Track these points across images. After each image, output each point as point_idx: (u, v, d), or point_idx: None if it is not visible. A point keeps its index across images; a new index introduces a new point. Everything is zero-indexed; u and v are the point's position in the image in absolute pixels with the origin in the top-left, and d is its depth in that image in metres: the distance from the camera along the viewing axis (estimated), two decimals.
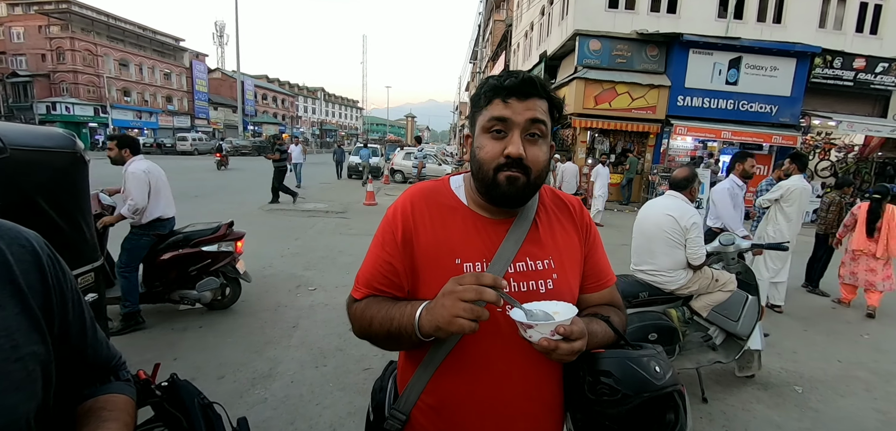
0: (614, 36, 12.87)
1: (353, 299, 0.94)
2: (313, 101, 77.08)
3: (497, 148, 0.83)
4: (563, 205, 1.00)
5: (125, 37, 41.79)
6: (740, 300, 2.84)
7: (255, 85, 55.68)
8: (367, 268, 0.93)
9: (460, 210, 0.92)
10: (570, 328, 0.74)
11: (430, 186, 0.97)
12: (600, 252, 1.01)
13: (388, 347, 0.90)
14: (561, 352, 0.73)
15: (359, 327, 0.91)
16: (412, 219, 0.90)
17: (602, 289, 0.99)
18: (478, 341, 0.84)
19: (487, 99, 0.85)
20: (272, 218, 8.67)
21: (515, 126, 0.82)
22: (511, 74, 0.85)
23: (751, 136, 12.59)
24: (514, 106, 0.82)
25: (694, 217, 2.63)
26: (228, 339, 3.46)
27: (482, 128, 0.85)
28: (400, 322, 0.82)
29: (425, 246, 0.88)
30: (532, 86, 0.83)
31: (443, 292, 0.75)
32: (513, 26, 24.63)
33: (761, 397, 3.01)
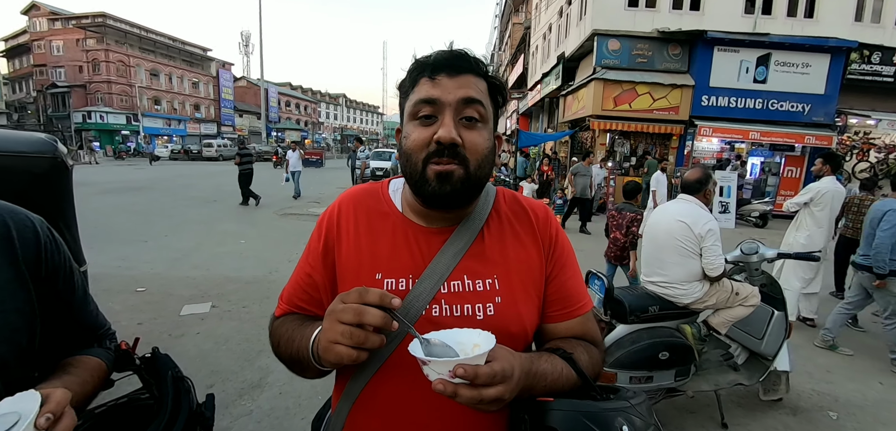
0: (634, 35, 12.47)
1: (274, 317, 0.83)
2: (335, 107, 78.40)
3: (425, 134, 0.69)
4: (523, 212, 0.83)
5: (156, 48, 43.41)
6: (765, 315, 2.57)
7: (279, 92, 57.01)
8: (292, 282, 0.82)
9: (391, 216, 0.79)
10: (474, 369, 0.54)
11: (364, 190, 0.85)
12: (570, 271, 0.82)
13: (301, 374, 0.76)
14: (464, 399, 0.55)
15: (272, 345, 0.80)
16: (336, 226, 0.79)
17: (570, 318, 0.80)
18: (390, 376, 0.71)
19: (413, 79, 0.72)
20: (283, 222, 8.69)
21: (446, 106, 0.68)
22: (439, 51, 0.72)
23: (781, 137, 11.97)
24: (443, 83, 0.69)
25: (709, 223, 2.38)
26: (223, 346, 3.39)
27: (409, 114, 0.72)
28: (299, 344, 0.71)
29: (346, 257, 0.77)
30: (464, 59, 0.70)
31: (327, 311, 0.62)
32: (531, 29, 24.34)
33: (790, 423, 2.72)
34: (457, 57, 0.70)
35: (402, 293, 0.71)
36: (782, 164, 12.51)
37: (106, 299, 4.12)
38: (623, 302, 2.39)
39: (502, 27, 33.24)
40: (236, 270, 5.23)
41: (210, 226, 7.81)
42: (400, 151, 0.75)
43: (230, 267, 5.36)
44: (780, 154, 12.57)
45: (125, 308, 4.07)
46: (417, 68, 0.71)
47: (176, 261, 5.58)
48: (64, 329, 0.86)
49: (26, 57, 40.99)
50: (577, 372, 0.69)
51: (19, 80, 42.05)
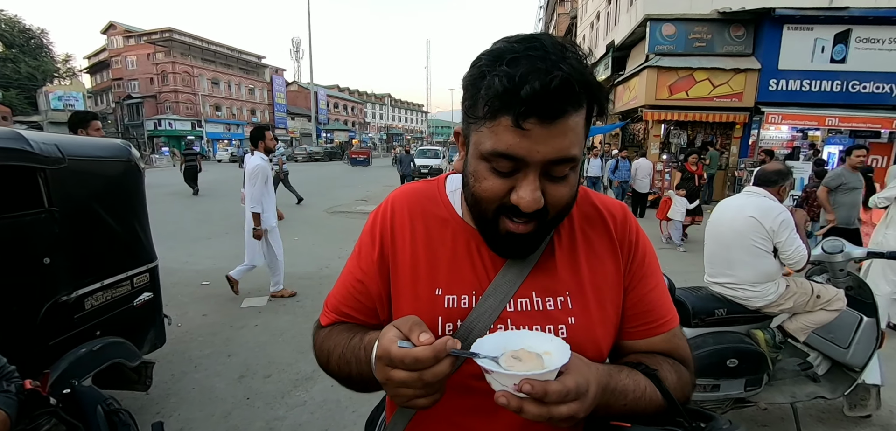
0: (691, 17, 11.69)
1: (318, 325, 0.76)
2: (380, 107, 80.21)
3: (499, 187, 0.56)
4: (598, 215, 0.72)
5: (216, 58, 46.43)
6: (852, 321, 2.29)
7: (328, 95, 59.19)
8: (340, 288, 0.75)
9: (451, 223, 0.70)
10: (543, 386, 0.48)
11: (419, 189, 0.75)
12: (653, 281, 0.71)
13: (358, 390, 0.69)
14: (531, 416, 0.49)
15: (319, 360, 0.74)
16: (391, 231, 0.70)
17: (652, 335, 0.70)
18: (457, 406, 0.66)
19: (492, 109, 0.53)
20: (334, 219, 9.00)
21: (531, 166, 0.54)
22: (531, 69, 0.50)
23: (864, 123, 10.77)
24: (533, 134, 0.51)
25: (782, 213, 2.15)
26: (279, 339, 3.54)
27: (479, 153, 0.57)
28: (358, 369, 0.64)
29: (402, 268, 0.68)
30: (566, 96, 0.51)
31: (376, 356, 0.56)
32: (577, 18, 23.55)
33: None
34: (557, 96, 0.50)
35: (464, 311, 0.65)
36: None
37: (176, 292, 4.45)
38: (686, 303, 2.23)
39: (547, 18, 32.43)
40: (290, 266, 5.44)
41: None
42: (463, 170, 0.64)
43: (285, 263, 5.60)
44: (863, 141, 11.32)
45: (192, 300, 4.37)
46: (500, 99, 0.52)
47: (237, 258, 5.89)
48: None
49: (106, 72, 45.30)
50: (663, 393, 0.60)
51: (101, 93, 46.52)
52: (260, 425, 2.47)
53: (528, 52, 0.51)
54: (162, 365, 2.95)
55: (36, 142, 1.87)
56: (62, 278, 1.97)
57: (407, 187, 0.77)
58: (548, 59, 0.50)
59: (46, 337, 1.92)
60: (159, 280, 2.61)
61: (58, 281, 1.95)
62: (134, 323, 2.41)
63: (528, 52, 0.51)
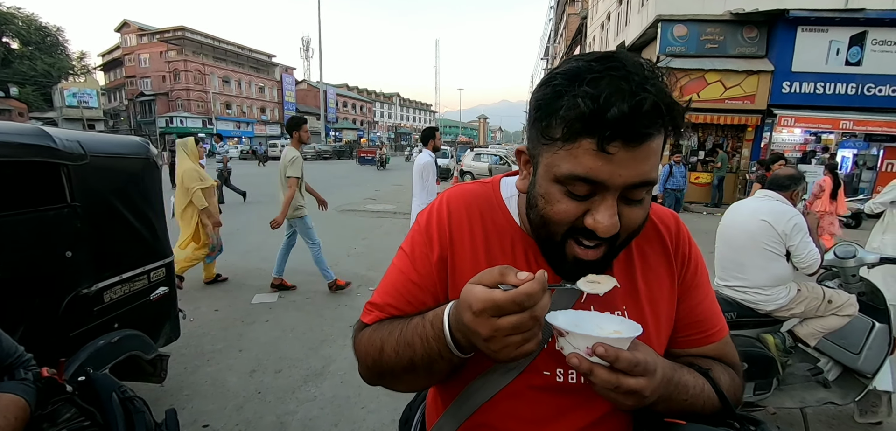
0: (703, 19, 11.59)
1: (361, 325, 0.71)
2: (389, 106, 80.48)
3: (573, 211, 0.54)
4: (653, 227, 0.71)
5: (227, 56, 46.94)
6: (864, 327, 2.28)
7: (337, 93, 59.55)
8: (388, 284, 0.70)
9: (510, 232, 0.68)
10: (615, 351, 0.50)
11: (476, 192, 0.72)
12: (704, 291, 0.72)
13: (410, 383, 0.65)
14: (599, 382, 0.51)
15: (365, 358, 0.68)
16: (449, 235, 0.68)
17: (705, 344, 0.70)
18: (514, 412, 0.65)
19: (569, 132, 0.51)
20: (344, 217, 9.06)
21: (611, 189, 0.52)
22: (616, 89, 0.48)
23: (880, 125, 10.59)
24: (617, 158, 0.50)
25: (795, 217, 2.14)
26: (290, 334, 3.59)
27: (553, 176, 0.55)
28: (425, 345, 0.58)
29: (463, 273, 0.65)
30: (653, 118, 0.49)
31: (462, 321, 0.52)
32: (588, 18, 23.44)
33: None
34: (645, 119, 0.49)
35: None
36: (880, 157, 11.08)
37: (188, 287, 4.52)
38: None
39: (557, 18, 32.31)
40: (301, 263, 5.51)
41: None
42: (528, 190, 0.62)
43: (295, 260, 5.64)
44: (878, 145, 11.13)
45: (204, 295, 4.44)
46: (582, 121, 0.49)
47: (247, 254, 6.01)
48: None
49: (119, 69, 46.04)
50: (718, 394, 0.61)
51: (114, 91, 47.29)
52: (271, 419, 2.51)
53: (609, 71, 0.49)
54: (175, 359, 3.00)
55: (59, 139, 1.92)
56: (83, 271, 2.03)
57: (461, 188, 0.74)
58: (631, 80, 0.49)
59: (67, 328, 1.98)
60: (174, 275, 2.67)
61: (79, 275, 2.01)
62: (150, 317, 2.47)
63: (610, 71, 0.49)
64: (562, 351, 0.54)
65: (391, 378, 0.65)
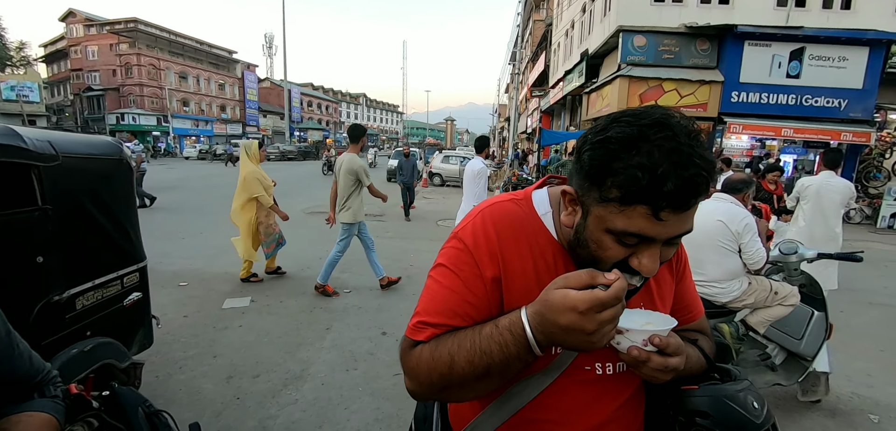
0: (661, 30, 12.25)
1: (412, 343, 0.71)
2: (355, 107, 79.40)
3: (622, 254, 0.62)
4: None
5: (184, 51, 44.85)
6: (805, 315, 2.55)
7: (301, 92, 58.14)
8: (439, 302, 0.71)
9: (552, 248, 0.73)
10: (666, 340, 0.64)
11: (513, 211, 0.75)
12: (689, 281, 0.89)
13: (472, 391, 0.68)
14: (652, 366, 0.64)
15: (429, 374, 0.67)
16: (501, 255, 0.71)
17: (691, 320, 0.88)
18: (558, 404, 0.74)
19: (625, 197, 0.57)
20: (313, 220, 8.91)
21: (657, 242, 0.60)
22: (674, 165, 0.54)
23: (816, 134, 11.56)
24: (668, 222, 0.57)
25: (746, 218, 2.38)
26: (265, 339, 3.54)
27: (606, 227, 0.61)
28: (503, 351, 0.62)
29: (515, 284, 0.71)
30: (703, 187, 0.56)
31: (554, 306, 0.57)
32: (553, 25, 24.11)
33: (828, 426, 2.69)
34: (695, 191, 0.55)
35: None
36: (816, 162, 12.10)
37: (152, 294, 4.34)
38: None
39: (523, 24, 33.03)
40: None
41: None
42: (576, 230, 0.67)
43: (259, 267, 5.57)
44: (815, 151, 12.15)
45: (171, 301, 4.29)
46: (640, 192, 0.55)
47: (214, 257, 5.83)
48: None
49: (64, 62, 42.98)
50: (705, 358, 0.78)
51: (58, 84, 44.11)
52: (252, 424, 2.50)
53: (662, 141, 0.55)
54: (145, 367, 2.91)
55: (30, 139, 1.85)
56: (55, 277, 1.96)
57: (499, 207, 0.76)
58: (682, 152, 0.55)
59: (39, 337, 1.90)
60: (148, 280, 2.60)
61: (51, 281, 1.94)
62: (124, 324, 2.40)
63: (664, 141, 0.55)
64: (618, 346, 0.66)
65: (460, 388, 0.66)
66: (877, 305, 4.99)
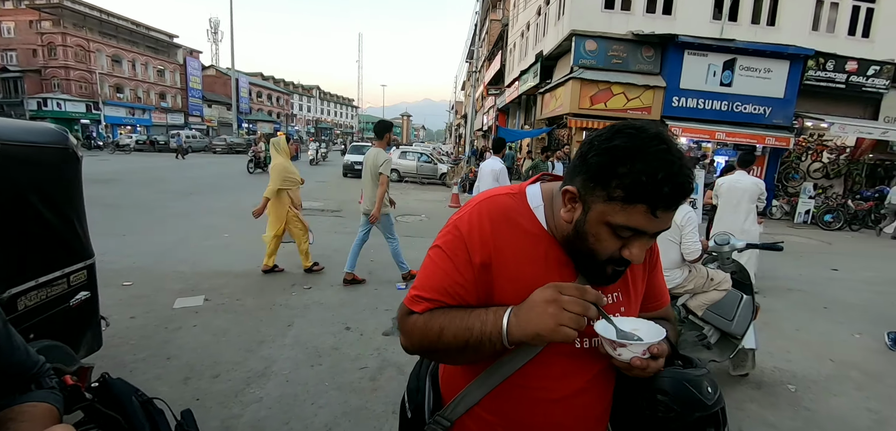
0: (610, 36, 12.91)
1: (408, 311, 0.84)
2: (308, 99, 76.83)
3: (615, 246, 0.74)
4: None
5: (118, 33, 41.42)
6: (735, 299, 2.86)
7: (250, 82, 55.43)
8: (433, 281, 0.82)
9: (541, 238, 0.82)
10: (661, 347, 0.75)
11: (507, 204, 0.85)
12: (659, 271, 1.00)
13: (455, 360, 0.83)
14: (651, 370, 0.75)
15: (422, 340, 0.81)
16: (493, 243, 0.80)
17: (659, 308, 0.98)
18: (541, 373, 0.82)
19: (629, 197, 0.68)
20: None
21: (647, 236, 0.73)
22: (669, 173, 0.66)
23: (745, 137, 12.67)
24: (660, 217, 0.69)
25: (689, 213, 2.64)
26: (223, 338, 3.43)
27: (606, 222, 0.72)
28: (481, 330, 0.75)
29: (508, 278, 0.80)
30: (688, 192, 0.70)
31: (542, 299, 0.71)
32: (509, 26, 24.64)
33: (755, 396, 3.03)
34: (684, 194, 0.68)
35: None
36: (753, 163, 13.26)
37: None
38: None
39: (480, 23, 33.48)
40: (226, 264, 5.22)
41: (193, 220, 7.68)
42: (576, 224, 0.76)
43: (219, 261, 5.35)
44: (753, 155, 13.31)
45: (114, 302, 4.01)
46: (641, 192, 0.67)
47: (161, 255, 5.51)
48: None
49: None
50: (671, 345, 0.87)
51: None
52: (215, 424, 2.43)
53: (659, 153, 0.67)
54: (93, 371, 2.74)
55: None
56: None
57: (495, 200, 0.85)
58: (675, 163, 0.66)
59: None
60: (97, 278, 2.46)
61: None
62: (70, 325, 2.26)
63: (660, 153, 0.67)
64: (619, 357, 0.74)
65: (444, 354, 0.82)
66: (794, 290, 5.61)
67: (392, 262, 5.01)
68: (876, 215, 12.08)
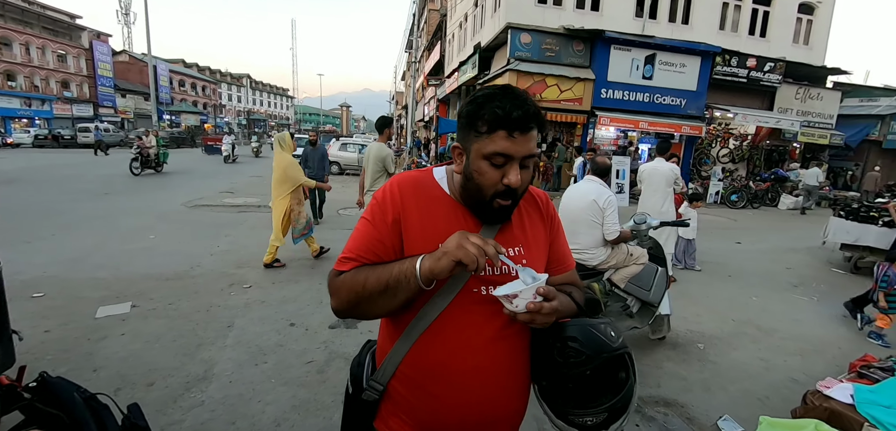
0: (544, 30, 13.47)
1: (337, 273, 0.96)
2: (238, 89, 72.10)
3: (496, 176, 0.88)
4: (533, 199, 1.11)
5: (5, 11, 36.12)
6: (652, 271, 3.21)
7: (170, 70, 50.81)
8: (356, 243, 0.96)
9: (444, 200, 0.99)
10: (547, 288, 0.87)
11: (416, 176, 1.02)
12: (563, 238, 1.14)
13: (379, 305, 0.92)
14: (544, 312, 0.85)
15: (347, 293, 0.92)
16: (401, 204, 0.96)
17: (565, 271, 1.12)
18: (455, 321, 0.93)
19: (491, 127, 0.86)
20: (197, 215, 8.10)
21: (516, 160, 0.88)
22: (514, 104, 0.85)
23: (664, 127, 13.86)
24: (517, 140, 0.86)
25: (610, 197, 2.93)
26: (155, 345, 3.25)
27: (482, 155, 0.88)
28: (400, 270, 0.88)
29: (414, 230, 0.95)
30: (535, 120, 0.87)
31: (451, 239, 0.84)
32: (448, 16, 24.78)
33: (671, 355, 3.44)
34: (530, 119, 0.86)
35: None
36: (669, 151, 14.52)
37: None
38: None
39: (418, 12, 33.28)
40: (153, 268, 4.88)
41: (111, 222, 7.02)
42: (464, 173, 0.93)
43: (145, 265, 4.99)
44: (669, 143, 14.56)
45: (23, 315, 3.62)
46: (497, 121, 0.85)
47: (76, 262, 5.03)
48: None
49: None
50: (576, 303, 1.03)
51: None
52: None
53: (508, 95, 0.87)
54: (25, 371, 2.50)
55: None
56: None
57: (405, 174, 1.02)
58: (520, 99, 0.86)
59: None
60: (4, 286, 2.24)
61: None
62: None
63: (508, 95, 0.87)
64: (516, 310, 0.84)
65: (368, 302, 0.91)
66: (703, 263, 6.32)
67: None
68: (772, 194, 13.84)
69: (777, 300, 5.07)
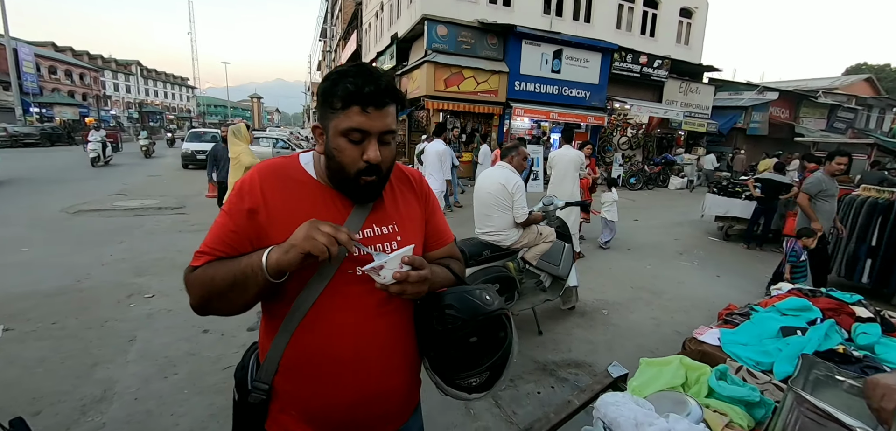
0: (459, 23, 13.76)
1: (191, 269, 0.92)
2: (126, 77, 63.69)
3: (356, 153, 0.89)
4: (406, 178, 1.12)
5: None
6: (560, 248, 3.54)
7: (36, 54, 43.25)
8: (212, 237, 0.92)
9: (309, 184, 0.97)
10: (412, 257, 0.88)
11: (279, 162, 0.99)
12: (439, 215, 1.17)
13: (231, 300, 0.89)
14: (412, 280, 0.87)
15: (199, 289, 0.89)
16: (260, 191, 0.92)
17: (442, 246, 1.15)
18: (332, 305, 0.93)
19: (344, 103, 0.87)
20: (82, 220, 7.11)
21: (373, 135, 0.88)
22: (367, 79, 0.86)
23: (572, 118, 14.96)
24: (372, 115, 0.87)
25: (518, 182, 3.17)
26: (38, 369, 2.86)
27: (339, 132, 0.88)
28: (248, 262, 0.86)
29: (275, 215, 0.91)
30: (389, 94, 0.88)
31: (299, 228, 0.83)
32: (363, 5, 24.22)
33: (580, 322, 3.83)
34: (383, 94, 0.87)
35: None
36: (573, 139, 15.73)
37: None
38: (464, 250, 3.00)
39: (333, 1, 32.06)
40: (30, 284, 4.23)
41: None
42: (325, 152, 0.93)
43: (19, 282, 4.30)
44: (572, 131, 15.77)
45: None
46: (350, 97, 0.85)
47: None
48: None
49: None
50: (454, 274, 1.08)
51: None
52: None
53: (361, 72, 0.88)
54: None
55: None
56: None
57: (267, 162, 0.99)
58: (374, 75, 0.87)
59: None
60: None
61: None
62: None
63: (362, 71, 0.88)
64: (384, 281, 0.86)
65: (219, 298, 0.89)
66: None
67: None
68: (663, 176, 15.69)
69: (666, 267, 5.82)
